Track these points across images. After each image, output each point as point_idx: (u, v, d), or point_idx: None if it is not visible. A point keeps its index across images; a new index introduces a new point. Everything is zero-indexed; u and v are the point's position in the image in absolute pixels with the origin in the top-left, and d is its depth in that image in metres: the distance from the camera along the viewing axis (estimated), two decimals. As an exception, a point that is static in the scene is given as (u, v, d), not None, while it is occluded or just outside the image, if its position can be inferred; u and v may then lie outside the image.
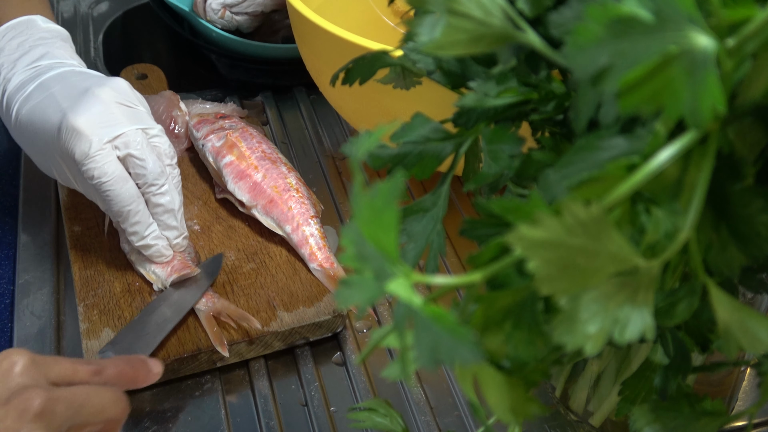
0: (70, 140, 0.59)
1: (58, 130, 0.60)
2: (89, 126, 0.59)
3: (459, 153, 0.39)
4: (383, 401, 0.44)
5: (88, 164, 0.58)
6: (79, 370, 0.49)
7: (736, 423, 0.58)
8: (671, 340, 0.38)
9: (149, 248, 0.63)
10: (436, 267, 0.39)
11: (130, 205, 0.60)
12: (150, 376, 0.54)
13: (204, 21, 0.91)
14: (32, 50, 0.66)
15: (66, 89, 0.62)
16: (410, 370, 0.27)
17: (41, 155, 0.64)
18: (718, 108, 0.24)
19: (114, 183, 0.59)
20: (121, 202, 0.60)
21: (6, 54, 0.66)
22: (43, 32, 0.68)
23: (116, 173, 0.59)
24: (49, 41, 0.67)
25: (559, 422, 0.57)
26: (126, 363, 0.53)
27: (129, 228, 0.61)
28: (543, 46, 0.32)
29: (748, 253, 0.30)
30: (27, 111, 0.62)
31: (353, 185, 0.27)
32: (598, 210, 0.26)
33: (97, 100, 0.60)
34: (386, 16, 0.85)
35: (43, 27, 0.68)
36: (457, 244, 0.72)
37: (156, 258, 0.63)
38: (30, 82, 0.63)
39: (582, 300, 0.27)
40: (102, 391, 0.48)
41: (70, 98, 0.61)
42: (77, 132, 0.58)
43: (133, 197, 0.60)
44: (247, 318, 0.60)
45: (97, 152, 0.58)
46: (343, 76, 0.45)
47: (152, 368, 0.54)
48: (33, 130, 0.62)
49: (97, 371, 0.50)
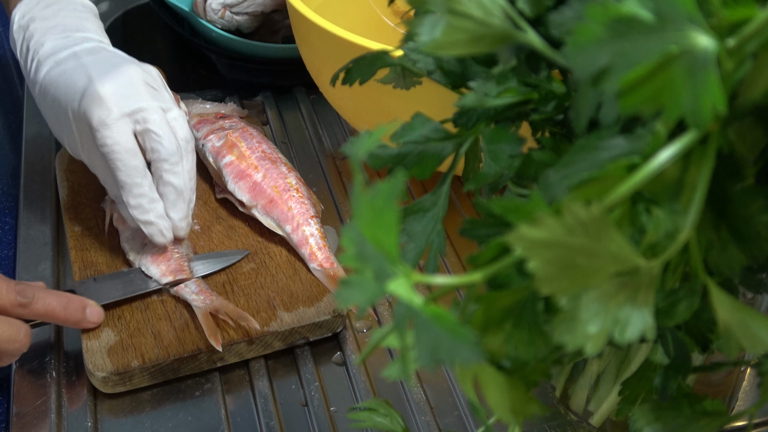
0: (91, 105, 0.60)
1: (81, 95, 0.61)
2: (112, 95, 0.60)
3: (459, 153, 0.39)
4: (383, 401, 0.44)
5: (103, 131, 0.59)
6: (4, 299, 0.51)
7: (736, 423, 0.58)
8: (671, 340, 0.38)
9: (150, 225, 0.62)
10: (436, 267, 0.39)
11: (136, 177, 0.60)
12: (84, 323, 0.58)
13: (204, 21, 0.91)
14: (67, 20, 0.68)
15: (98, 61, 0.63)
16: (410, 370, 0.27)
17: (57, 118, 0.65)
18: (718, 108, 0.24)
19: (124, 154, 0.60)
20: (127, 173, 0.60)
21: (41, 20, 0.68)
22: (77, 5, 0.71)
23: (128, 145, 0.60)
24: (83, 15, 0.70)
25: (559, 422, 0.57)
26: (61, 302, 0.56)
27: (132, 200, 0.61)
28: (543, 46, 0.32)
29: (748, 253, 0.30)
30: (56, 73, 0.64)
31: (353, 185, 0.27)
32: (598, 210, 0.26)
33: (125, 74, 0.62)
34: (386, 16, 0.85)
35: (78, 0, 0.71)
36: (457, 244, 0.72)
37: (155, 238, 0.62)
38: (63, 50, 0.65)
39: (582, 300, 0.27)
40: (2, 325, 0.52)
41: (100, 68, 0.62)
42: (100, 98, 0.59)
43: (140, 171, 0.60)
44: (246, 318, 0.60)
45: (114, 121, 0.59)
46: (343, 76, 0.45)
47: (89, 316, 0.58)
48: (56, 92, 0.63)
49: (23, 304, 0.53)
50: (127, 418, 0.58)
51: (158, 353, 0.59)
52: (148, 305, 0.63)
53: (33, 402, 0.58)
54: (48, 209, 0.75)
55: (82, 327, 0.58)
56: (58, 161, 0.77)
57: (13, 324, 0.53)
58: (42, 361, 0.61)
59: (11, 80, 0.96)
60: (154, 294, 0.64)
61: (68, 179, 0.75)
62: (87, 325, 0.58)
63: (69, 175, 0.75)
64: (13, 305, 0.53)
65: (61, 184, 0.74)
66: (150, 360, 0.59)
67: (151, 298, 0.64)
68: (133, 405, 0.59)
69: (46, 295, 0.56)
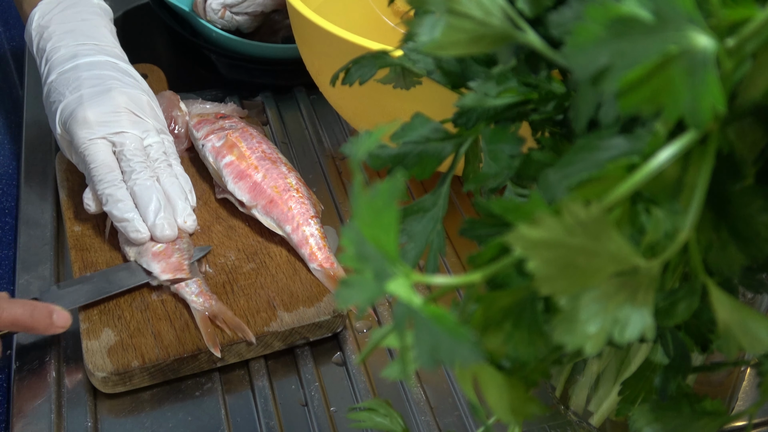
0: (76, 125, 0.68)
1: (71, 112, 0.68)
2: (95, 119, 0.68)
3: (459, 153, 0.39)
4: (383, 401, 0.44)
5: (83, 149, 0.67)
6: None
7: (736, 423, 0.58)
8: (671, 340, 0.38)
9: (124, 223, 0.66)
10: (436, 267, 0.39)
11: (109, 189, 0.66)
12: (51, 328, 0.59)
13: (204, 21, 0.91)
14: (83, 25, 0.75)
15: (93, 80, 0.71)
16: (410, 370, 0.27)
17: (53, 120, 0.72)
18: (718, 108, 0.24)
19: (100, 168, 0.67)
20: (104, 186, 0.66)
21: (57, 23, 0.75)
22: (95, 7, 0.78)
23: (105, 161, 0.67)
24: (99, 21, 0.76)
25: (559, 422, 0.57)
26: (27, 310, 0.58)
27: (109, 207, 0.66)
28: (543, 46, 0.32)
29: (748, 253, 0.30)
30: (57, 83, 0.71)
31: (353, 185, 0.27)
32: (598, 210, 0.26)
33: (112, 100, 0.69)
34: (386, 16, 0.85)
35: (95, 2, 0.78)
36: (457, 244, 0.72)
37: (130, 234, 0.66)
38: (71, 60, 0.72)
39: (582, 300, 0.27)
40: None
41: (93, 90, 0.70)
42: (85, 121, 0.67)
43: (115, 183, 0.67)
44: (242, 328, 0.60)
45: (92, 142, 0.67)
46: (343, 76, 0.45)
47: (56, 321, 0.59)
48: (55, 100, 0.71)
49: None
50: (127, 418, 0.58)
51: (158, 353, 0.59)
52: (148, 305, 0.63)
53: (33, 402, 0.58)
54: (48, 209, 0.75)
55: (51, 333, 0.59)
56: (58, 161, 0.77)
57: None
58: (42, 361, 0.61)
59: (11, 80, 0.96)
60: (154, 294, 0.64)
61: (68, 179, 0.75)
62: (55, 330, 0.59)
63: (69, 175, 0.75)
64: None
65: (61, 184, 0.74)
66: (150, 360, 0.59)
67: (151, 297, 0.64)
68: (133, 405, 0.59)
69: (10, 305, 0.57)
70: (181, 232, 0.67)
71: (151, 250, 0.65)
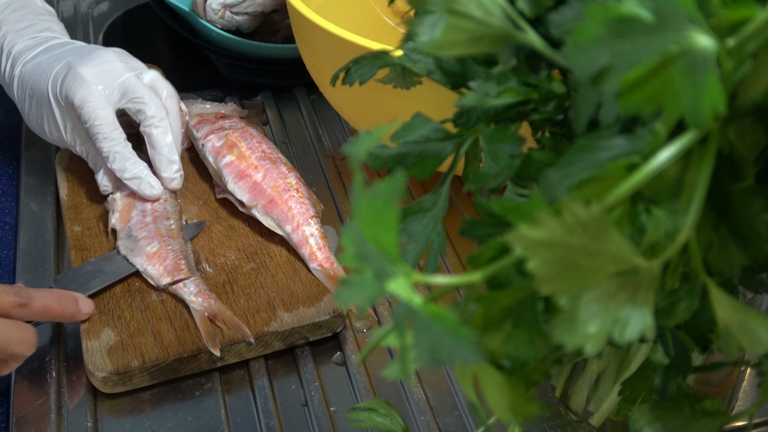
0: (73, 86, 0.67)
1: (62, 78, 0.68)
2: (92, 75, 0.67)
3: (459, 153, 0.39)
4: (383, 401, 0.44)
5: (85, 107, 0.66)
6: (3, 300, 0.52)
7: (736, 423, 0.58)
8: (671, 340, 0.38)
9: (136, 180, 0.67)
10: (436, 267, 0.39)
11: (116, 146, 0.67)
12: (78, 315, 0.60)
13: (204, 21, 0.91)
14: (35, 24, 0.75)
15: (73, 51, 0.71)
16: (410, 370, 0.27)
17: (37, 106, 0.70)
18: (718, 108, 0.24)
19: (105, 126, 0.66)
20: (110, 144, 0.66)
21: (9, 23, 0.74)
22: (41, 10, 0.77)
23: (108, 119, 0.67)
24: (48, 18, 0.76)
25: (559, 422, 0.57)
26: (55, 298, 0.58)
27: (116, 165, 0.67)
28: (543, 46, 0.32)
29: (748, 253, 0.30)
30: (32, 65, 0.70)
31: (353, 185, 0.27)
32: (598, 210, 0.26)
33: (101, 56, 0.69)
34: (386, 16, 0.85)
35: (41, 6, 0.78)
36: (457, 244, 0.72)
37: (144, 191, 0.67)
38: (36, 47, 0.72)
39: (582, 300, 0.27)
40: (12, 327, 0.53)
41: (76, 55, 0.69)
42: (81, 79, 0.67)
43: (120, 141, 0.67)
44: (241, 329, 0.60)
45: (95, 98, 0.66)
46: (343, 76, 0.45)
47: (82, 308, 0.60)
48: (35, 81, 0.70)
49: (23, 304, 0.54)
50: (127, 418, 0.58)
51: (158, 353, 0.59)
52: (148, 305, 0.63)
53: (33, 402, 0.58)
54: (48, 209, 0.75)
55: (77, 320, 0.60)
56: (58, 161, 0.77)
57: (20, 326, 0.53)
58: (42, 361, 0.61)
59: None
60: (154, 294, 0.64)
61: (68, 179, 0.75)
62: (81, 316, 0.60)
63: (69, 175, 0.75)
64: (14, 306, 0.53)
65: (61, 184, 0.74)
66: (150, 360, 0.59)
67: (151, 297, 0.64)
68: (133, 405, 0.59)
69: (40, 293, 0.56)
70: (171, 232, 0.67)
71: (144, 250, 0.65)
